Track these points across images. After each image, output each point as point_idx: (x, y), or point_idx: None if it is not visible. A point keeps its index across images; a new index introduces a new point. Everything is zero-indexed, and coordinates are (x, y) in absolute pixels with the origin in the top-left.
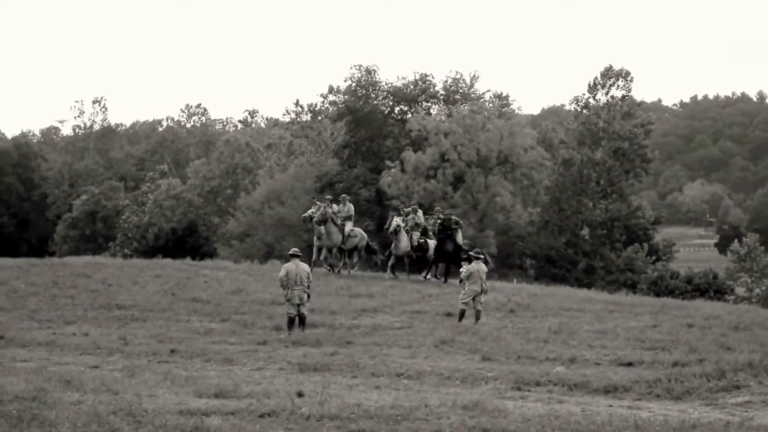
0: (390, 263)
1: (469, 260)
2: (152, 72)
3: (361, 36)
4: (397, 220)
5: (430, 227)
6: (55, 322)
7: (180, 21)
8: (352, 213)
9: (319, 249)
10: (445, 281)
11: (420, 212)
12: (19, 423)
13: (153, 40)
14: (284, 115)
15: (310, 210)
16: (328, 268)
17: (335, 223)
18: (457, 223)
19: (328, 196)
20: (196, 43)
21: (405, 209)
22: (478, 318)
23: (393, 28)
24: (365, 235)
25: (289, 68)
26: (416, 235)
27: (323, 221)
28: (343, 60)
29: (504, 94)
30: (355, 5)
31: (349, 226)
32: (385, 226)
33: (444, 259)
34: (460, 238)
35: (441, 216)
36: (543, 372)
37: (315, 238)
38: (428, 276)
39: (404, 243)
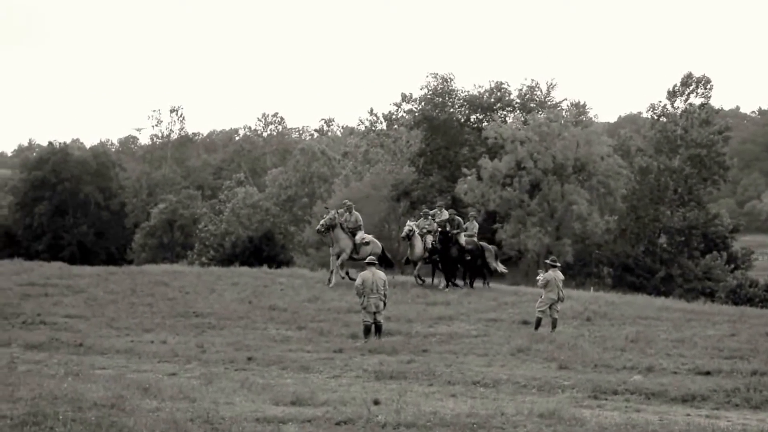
0: (415, 271)
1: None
2: (229, 81)
3: (435, 44)
4: (410, 224)
5: (419, 230)
6: (134, 330)
7: (257, 31)
8: (361, 222)
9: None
10: (472, 286)
11: (445, 212)
12: (97, 430)
13: (230, 50)
14: (359, 124)
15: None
16: (342, 276)
17: (344, 230)
18: (459, 225)
19: (347, 202)
20: (273, 52)
21: (430, 211)
22: (554, 326)
23: (468, 35)
24: (379, 243)
25: (363, 76)
26: (429, 238)
27: (329, 227)
28: (416, 68)
29: (581, 103)
30: (429, 14)
31: (360, 235)
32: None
33: (449, 264)
34: (462, 239)
35: (441, 220)
36: (620, 381)
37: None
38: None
39: (419, 247)
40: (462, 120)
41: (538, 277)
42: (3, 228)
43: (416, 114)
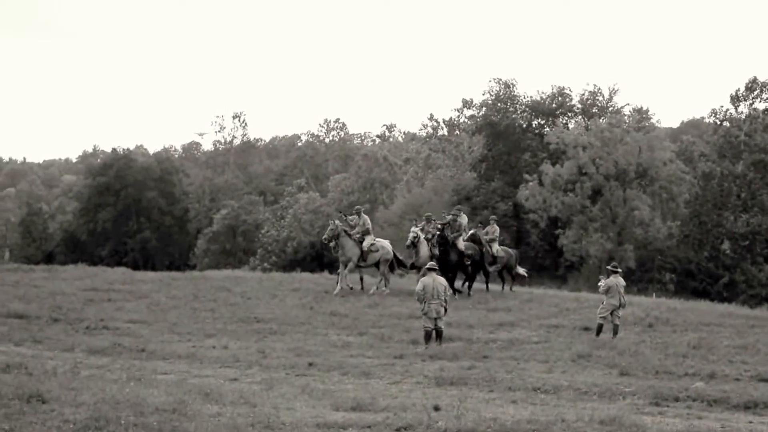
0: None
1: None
2: (292, 87)
3: (497, 50)
4: (414, 230)
5: (425, 235)
6: (196, 335)
7: (319, 37)
8: (369, 226)
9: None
10: (469, 294)
11: (464, 217)
12: None
13: (293, 56)
14: (421, 129)
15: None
16: (350, 286)
17: (350, 237)
18: (459, 229)
19: (358, 207)
20: (335, 58)
21: (448, 215)
22: (615, 332)
23: (530, 41)
24: (390, 248)
25: (425, 82)
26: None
27: (332, 238)
28: (478, 73)
29: (643, 108)
30: (491, 19)
31: (368, 241)
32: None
33: (449, 270)
34: (461, 244)
35: (438, 223)
36: (682, 387)
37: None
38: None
39: (424, 253)
40: (524, 125)
41: (599, 283)
42: (67, 233)
43: (478, 119)
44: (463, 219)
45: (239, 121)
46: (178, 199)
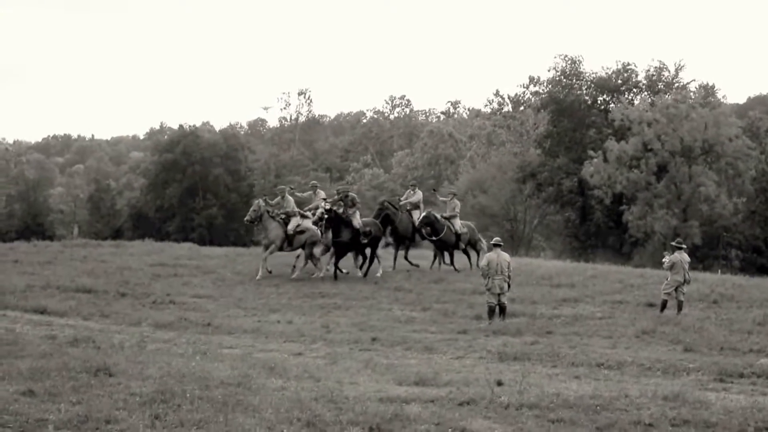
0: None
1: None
2: (357, 64)
3: (563, 25)
4: (322, 206)
5: (311, 214)
6: (261, 310)
7: (385, 14)
8: (292, 206)
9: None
10: (365, 275)
11: (419, 192)
12: (224, 408)
13: (358, 33)
14: (486, 105)
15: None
16: (269, 270)
17: (274, 218)
18: (353, 203)
19: (281, 186)
20: (400, 34)
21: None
22: (680, 309)
23: (596, 16)
24: (316, 230)
25: (490, 58)
26: (417, 214)
27: (255, 219)
28: (543, 50)
29: (709, 84)
30: None
31: (294, 223)
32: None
33: (341, 249)
34: (357, 220)
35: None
36: (746, 364)
37: None
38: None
39: (274, 231)
40: (589, 102)
41: (664, 259)
42: (135, 209)
43: (543, 96)
44: (320, 192)
45: (305, 97)
46: (243, 175)
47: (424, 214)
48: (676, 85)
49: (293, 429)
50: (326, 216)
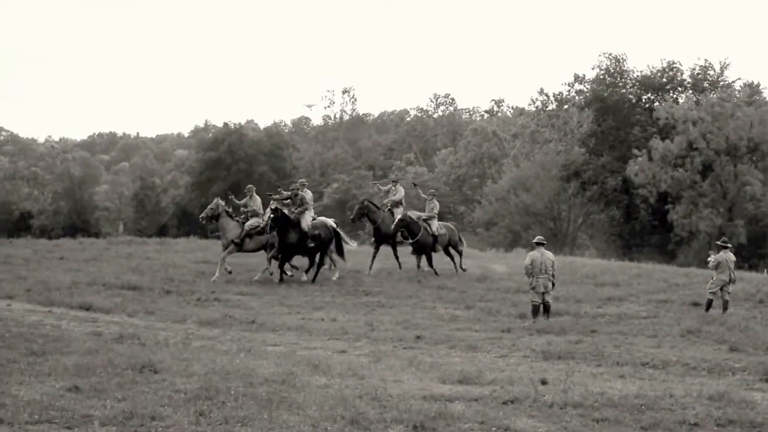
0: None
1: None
2: (401, 62)
3: (608, 24)
4: (271, 205)
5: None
6: (304, 308)
7: (429, 13)
8: (258, 206)
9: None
10: (313, 280)
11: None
12: (268, 405)
13: (402, 31)
14: (530, 104)
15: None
16: (228, 270)
17: (232, 218)
18: (301, 203)
19: (249, 186)
20: (445, 33)
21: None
22: (725, 308)
23: (642, 15)
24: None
25: (534, 56)
26: (399, 211)
27: (211, 217)
28: (587, 48)
29: (755, 83)
30: None
31: (253, 222)
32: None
33: (286, 251)
34: (307, 221)
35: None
36: None
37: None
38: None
39: (230, 229)
40: (633, 100)
41: (709, 258)
42: (180, 207)
43: (587, 94)
44: (308, 194)
45: (349, 96)
46: (288, 173)
47: (399, 216)
48: (722, 83)
49: (337, 427)
50: (272, 215)
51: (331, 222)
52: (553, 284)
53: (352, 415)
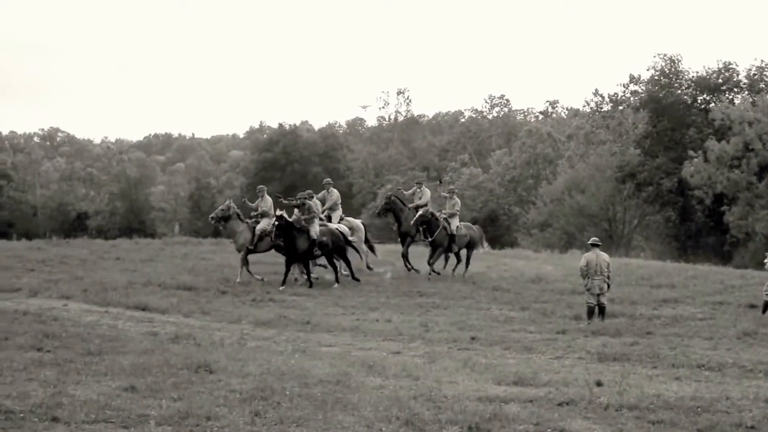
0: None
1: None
2: (455, 63)
3: (663, 24)
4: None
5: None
6: (359, 309)
7: (483, 13)
8: (268, 208)
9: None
10: (310, 285)
11: (426, 191)
12: (323, 405)
13: (457, 32)
14: (584, 105)
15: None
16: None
17: (242, 220)
18: (309, 211)
19: (260, 186)
20: (500, 34)
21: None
22: None
23: (696, 15)
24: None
25: (588, 57)
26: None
27: (221, 218)
28: (643, 49)
29: None
30: None
31: (264, 224)
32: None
33: (296, 258)
34: (315, 230)
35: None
36: None
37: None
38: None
39: (242, 235)
40: (689, 101)
41: (765, 260)
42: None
43: (642, 95)
44: (317, 202)
45: (403, 97)
46: (342, 174)
47: (420, 212)
48: None
49: (392, 428)
50: (276, 223)
51: (344, 227)
52: (609, 286)
53: (406, 416)
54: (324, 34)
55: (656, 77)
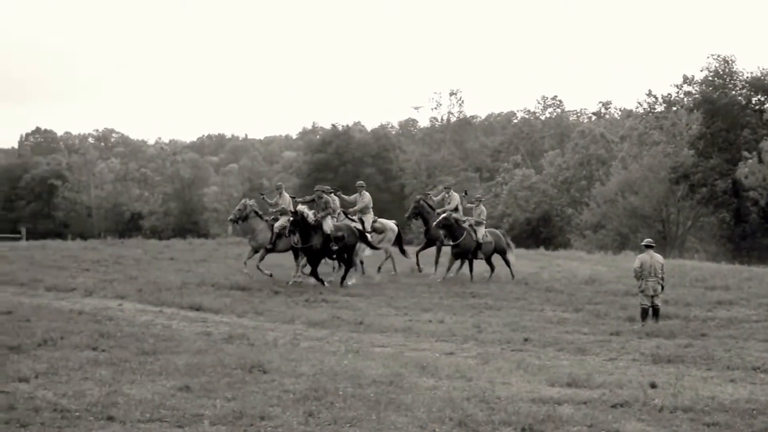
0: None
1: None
2: (508, 64)
3: (717, 25)
4: (300, 208)
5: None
6: (412, 309)
7: (535, 14)
8: (288, 204)
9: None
10: (342, 282)
11: (455, 196)
12: (376, 406)
13: (509, 33)
14: (637, 106)
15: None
16: (269, 274)
17: (261, 218)
18: (326, 207)
19: (279, 183)
20: (552, 35)
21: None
22: None
23: (751, 15)
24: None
25: (641, 58)
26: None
27: (239, 218)
28: (696, 49)
29: None
30: None
31: (281, 222)
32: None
33: (313, 256)
34: (329, 224)
35: (298, 199)
36: None
37: None
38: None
39: (261, 234)
40: (743, 102)
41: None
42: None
43: (696, 96)
44: (335, 200)
45: (456, 98)
46: (395, 175)
47: (443, 215)
48: None
49: (445, 428)
50: (290, 219)
51: (357, 224)
52: (663, 287)
53: (460, 417)
54: (378, 35)
55: (710, 78)
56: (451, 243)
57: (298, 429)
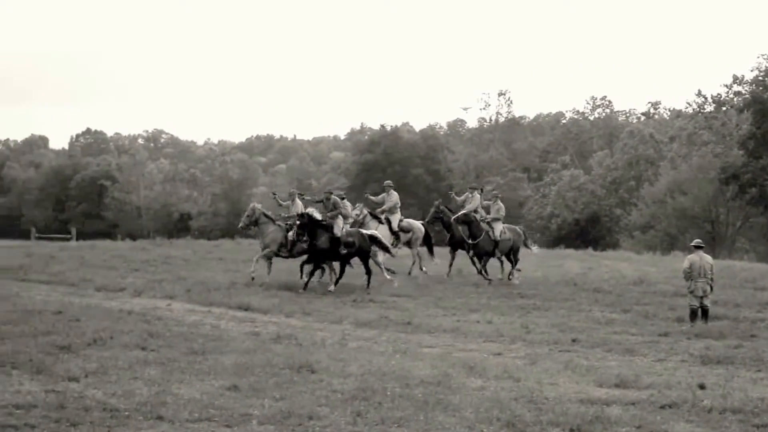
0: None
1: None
2: (557, 64)
3: (767, 24)
4: (310, 210)
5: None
6: (460, 310)
7: (585, 15)
8: (300, 209)
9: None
10: (367, 286)
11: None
12: (424, 406)
13: (559, 34)
14: (687, 106)
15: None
16: (252, 273)
17: (272, 221)
18: (335, 207)
19: (293, 190)
20: (602, 35)
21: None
22: None
23: None
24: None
25: (691, 58)
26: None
27: (249, 224)
28: (747, 49)
29: None
30: None
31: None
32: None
33: (318, 257)
34: (340, 227)
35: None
36: None
37: None
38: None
39: (271, 235)
40: None
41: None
42: None
43: (746, 96)
44: (347, 203)
45: (504, 98)
46: (443, 176)
47: (463, 212)
48: None
49: (493, 429)
50: (298, 221)
51: (375, 233)
52: (712, 288)
53: (508, 418)
54: (426, 36)
55: (760, 78)
56: (470, 241)
57: (346, 429)
